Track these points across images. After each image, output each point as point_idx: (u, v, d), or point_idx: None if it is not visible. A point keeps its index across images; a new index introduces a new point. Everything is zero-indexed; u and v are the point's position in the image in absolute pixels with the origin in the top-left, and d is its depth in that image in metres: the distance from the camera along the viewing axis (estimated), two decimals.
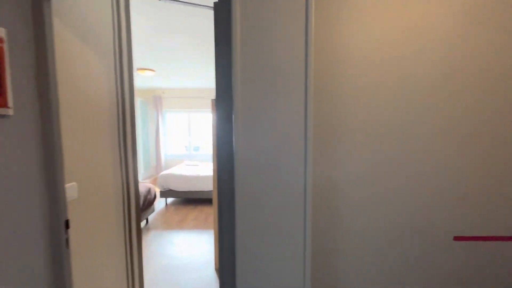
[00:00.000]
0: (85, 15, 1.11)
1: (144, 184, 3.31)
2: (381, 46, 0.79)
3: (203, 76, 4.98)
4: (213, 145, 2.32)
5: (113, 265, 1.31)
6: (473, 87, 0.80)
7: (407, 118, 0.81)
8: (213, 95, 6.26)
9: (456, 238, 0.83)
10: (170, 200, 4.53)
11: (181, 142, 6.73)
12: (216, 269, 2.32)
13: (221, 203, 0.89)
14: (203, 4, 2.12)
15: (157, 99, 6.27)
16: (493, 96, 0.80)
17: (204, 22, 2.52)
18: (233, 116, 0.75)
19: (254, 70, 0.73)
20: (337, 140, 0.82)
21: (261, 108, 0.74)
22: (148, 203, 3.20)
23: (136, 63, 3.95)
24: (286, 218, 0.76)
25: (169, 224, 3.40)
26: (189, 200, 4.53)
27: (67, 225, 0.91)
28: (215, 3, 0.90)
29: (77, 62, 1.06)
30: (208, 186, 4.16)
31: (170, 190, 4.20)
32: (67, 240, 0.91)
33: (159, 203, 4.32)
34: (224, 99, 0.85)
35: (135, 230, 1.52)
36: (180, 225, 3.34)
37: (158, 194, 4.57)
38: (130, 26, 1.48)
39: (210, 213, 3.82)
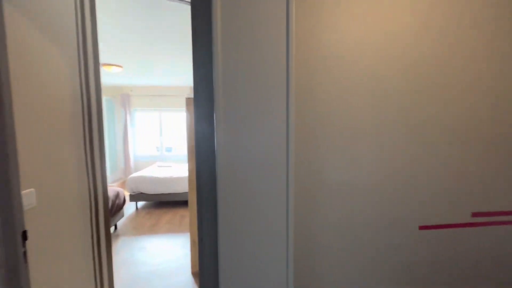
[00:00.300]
0: (42, 2, 1.00)
1: (111, 188, 3.09)
2: (358, 48, 0.83)
3: (176, 74, 4.80)
4: (188, 145, 2.24)
5: (81, 277, 1.20)
6: (444, 88, 0.88)
7: (380, 117, 0.86)
8: (186, 93, 6.07)
9: (421, 227, 0.91)
10: (141, 204, 4.30)
11: (152, 143, 6.42)
12: (192, 273, 2.25)
13: (201, 205, 0.86)
14: None
15: (124, 97, 5.90)
16: (462, 97, 0.89)
17: (177, 17, 2.43)
18: (214, 115, 0.73)
19: (235, 69, 0.72)
20: (318, 138, 0.85)
21: (243, 107, 0.73)
22: (116, 208, 3.00)
23: (101, 58, 3.67)
24: (269, 217, 0.77)
25: (140, 229, 3.22)
26: (162, 203, 4.34)
27: (24, 236, 0.81)
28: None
29: (35, 54, 0.95)
30: (183, 187, 4.02)
31: (141, 193, 3.99)
32: (25, 254, 0.81)
33: (129, 208, 4.07)
34: (204, 97, 0.83)
35: (104, 238, 1.41)
36: (152, 230, 3.19)
37: (127, 198, 4.30)
38: (96, 16, 1.36)
39: (185, 215, 3.70)
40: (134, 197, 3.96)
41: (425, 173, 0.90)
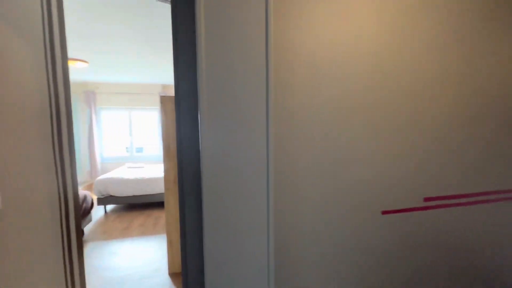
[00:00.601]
0: None
1: None
2: (328, 49, 0.92)
3: (148, 71, 4.61)
4: (163, 144, 2.20)
5: (51, 283, 1.14)
6: (405, 87, 1.01)
7: (348, 112, 0.96)
8: (158, 91, 5.86)
9: (384, 212, 1.03)
10: (110, 207, 4.07)
11: (121, 143, 6.08)
12: (169, 274, 2.21)
13: (185, 205, 0.88)
14: None
15: (89, 95, 5.51)
16: (419, 94, 1.03)
17: (151, 11, 2.36)
18: (199, 115, 0.75)
19: (219, 70, 0.76)
20: (293, 131, 0.91)
21: (227, 106, 0.76)
22: (84, 212, 2.82)
23: None
24: (251, 213, 0.81)
25: (110, 233, 3.06)
26: (134, 205, 4.15)
27: None
28: None
29: None
30: (157, 188, 3.89)
31: (110, 196, 3.78)
32: None
33: (97, 212, 3.83)
34: (186, 96, 0.85)
35: (75, 241, 1.34)
36: (124, 234, 3.05)
37: (95, 202, 4.04)
38: (63, 7, 1.29)
39: (160, 217, 3.59)
40: (103, 201, 3.74)
41: (385, 162, 1.03)
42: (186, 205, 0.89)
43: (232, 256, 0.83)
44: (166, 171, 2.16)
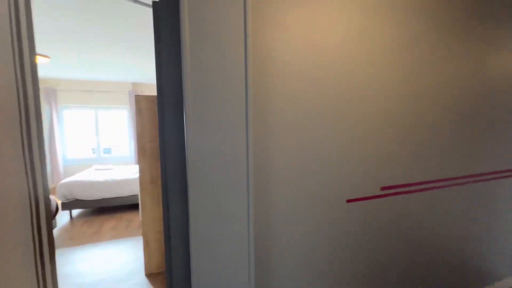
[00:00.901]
0: None
1: None
2: (299, 57, 1.03)
3: (117, 68, 4.40)
4: (137, 144, 2.16)
5: None
6: (368, 94, 1.16)
7: (316, 116, 1.08)
8: (128, 89, 5.61)
9: (348, 201, 1.17)
10: (76, 212, 3.82)
11: (86, 144, 5.70)
12: (146, 275, 2.19)
13: (169, 203, 0.92)
14: None
15: (49, 92, 5.09)
16: (381, 94, 1.19)
17: (119, 9, 2.30)
18: (184, 116, 0.81)
19: (202, 72, 0.82)
20: (270, 131, 1.01)
21: (210, 108, 0.83)
22: None
23: None
24: (234, 206, 0.89)
25: (78, 239, 2.90)
26: (103, 209, 3.95)
27: None
28: (154, 2, 0.93)
29: None
30: (129, 190, 3.75)
31: (76, 200, 3.56)
32: None
33: (61, 218, 3.58)
34: (169, 96, 0.89)
35: (47, 248, 1.29)
36: (94, 239, 2.91)
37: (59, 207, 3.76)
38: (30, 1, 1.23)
39: (132, 219, 3.47)
40: (68, 205, 3.51)
41: (348, 156, 1.17)
42: (170, 203, 0.93)
43: (216, 249, 0.89)
44: (141, 171, 2.13)
